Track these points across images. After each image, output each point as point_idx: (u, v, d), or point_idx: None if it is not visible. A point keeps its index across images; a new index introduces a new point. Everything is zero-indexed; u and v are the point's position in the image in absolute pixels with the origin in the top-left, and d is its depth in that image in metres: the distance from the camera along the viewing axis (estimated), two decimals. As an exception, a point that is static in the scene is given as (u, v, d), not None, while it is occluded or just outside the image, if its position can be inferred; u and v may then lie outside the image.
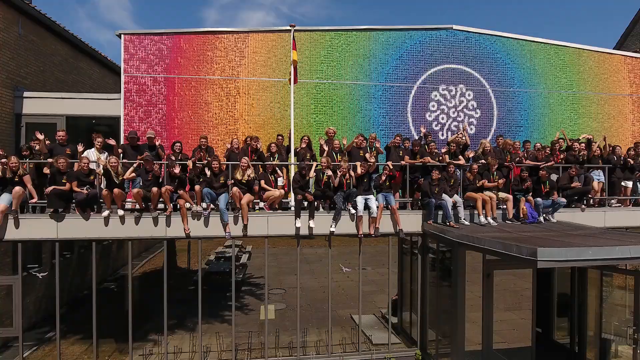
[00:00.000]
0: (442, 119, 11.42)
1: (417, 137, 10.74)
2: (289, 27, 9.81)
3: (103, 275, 15.38)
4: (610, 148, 10.65)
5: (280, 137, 9.57)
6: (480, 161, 9.57)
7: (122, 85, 10.06)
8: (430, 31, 11.34)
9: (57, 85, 11.74)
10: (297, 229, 8.56)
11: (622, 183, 10.44)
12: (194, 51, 10.33)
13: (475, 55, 11.58)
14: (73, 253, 12.49)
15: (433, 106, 11.37)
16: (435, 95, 11.37)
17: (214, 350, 9.62)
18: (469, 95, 11.54)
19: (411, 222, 9.14)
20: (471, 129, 11.56)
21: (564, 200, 9.39)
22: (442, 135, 11.35)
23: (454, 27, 11.43)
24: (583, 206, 9.86)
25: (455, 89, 11.48)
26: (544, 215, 9.49)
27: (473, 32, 11.55)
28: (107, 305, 10.86)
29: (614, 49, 16.75)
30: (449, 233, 7.87)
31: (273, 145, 9.23)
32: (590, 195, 10.07)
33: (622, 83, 12.47)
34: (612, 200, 10.36)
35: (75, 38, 12.19)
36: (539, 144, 10.49)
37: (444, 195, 8.91)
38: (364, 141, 9.33)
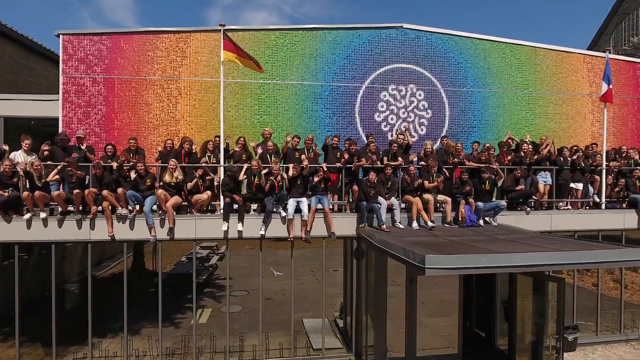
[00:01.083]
0: (392, 119, 11.20)
1: (364, 137, 10.56)
2: (233, 27, 9.70)
3: (66, 276, 15.31)
4: (571, 149, 10.41)
5: (217, 138, 9.42)
6: (421, 162, 9.38)
7: (61, 86, 9.95)
8: (379, 30, 11.13)
9: (6, 86, 11.68)
10: (225, 232, 8.41)
11: (572, 185, 10.18)
12: (134, 51, 10.21)
13: (427, 54, 11.35)
14: (33, 254, 12.40)
15: (382, 106, 11.16)
16: (385, 96, 11.16)
17: (149, 355, 9.50)
18: (419, 95, 11.32)
19: (347, 225, 8.95)
20: (422, 130, 11.34)
21: (504, 203, 9.16)
22: (392, 136, 11.13)
23: (404, 25, 11.21)
24: (528, 209, 9.61)
25: (406, 89, 11.26)
26: (486, 218, 9.28)
27: (424, 31, 11.32)
28: (60, 308, 10.76)
29: (587, 48, 16.45)
30: (372, 237, 7.69)
31: (210, 143, 9.09)
32: (535, 198, 9.82)
33: (581, 82, 12.19)
34: (560, 203, 10.11)
35: (25, 39, 12.11)
36: (488, 144, 10.26)
37: (380, 198, 8.72)
38: (305, 142, 9.17)
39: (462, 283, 7.70)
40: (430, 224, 8.60)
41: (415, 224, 8.69)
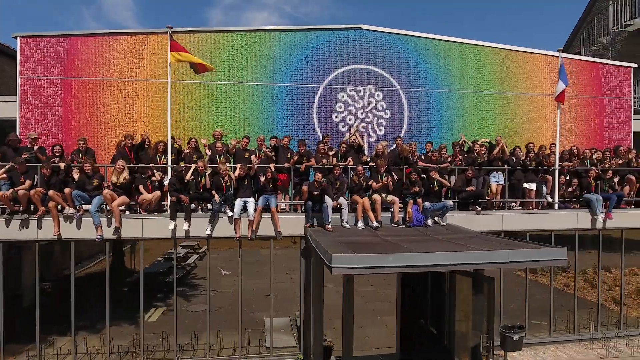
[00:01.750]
0: (350, 120, 11.28)
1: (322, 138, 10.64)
2: (191, 29, 9.81)
3: (43, 276, 15.44)
4: (527, 146, 10.45)
5: (173, 139, 9.53)
6: (370, 163, 9.46)
7: (18, 88, 10.09)
8: (337, 31, 11.21)
9: (-28, 87, 11.83)
10: (172, 231, 8.53)
11: (525, 185, 10.22)
12: (91, 53, 10.33)
13: (385, 55, 11.41)
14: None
15: (340, 107, 11.23)
16: (343, 96, 11.24)
17: (102, 353, 9.61)
18: (378, 95, 11.39)
19: (296, 224, 9.03)
20: (380, 130, 11.41)
21: (451, 203, 9.22)
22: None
23: (363, 26, 11.28)
24: (479, 209, 9.66)
25: (364, 89, 11.33)
26: (435, 218, 9.35)
27: (383, 32, 11.39)
28: (28, 306, 10.85)
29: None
30: (311, 236, 7.77)
31: (161, 144, 9.19)
32: (487, 198, 9.87)
33: (542, 83, 12.21)
34: (513, 203, 10.15)
35: (-7, 41, 12.27)
36: (443, 145, 10.33)
37: (327, 198, 8.81)
38: (261, 142, 9.29)
39: (399, 282, 7.76)
40: (375, 223, 8.69)
41: (360, 224, 8.78)
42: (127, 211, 8.79)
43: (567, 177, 10.45)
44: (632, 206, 10.68)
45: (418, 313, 8.07)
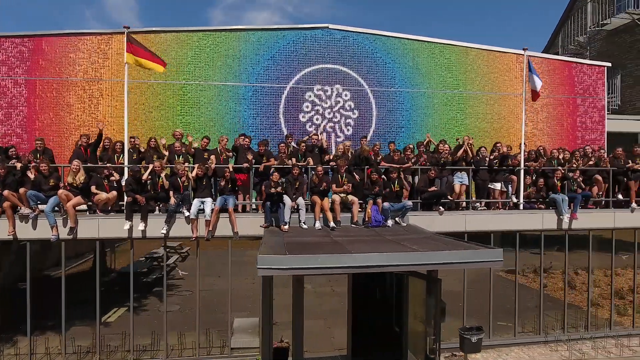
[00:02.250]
0: (317, 119, 11.23)
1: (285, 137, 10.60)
2: (156, 29, 9.80)
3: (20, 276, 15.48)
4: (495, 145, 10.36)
5: (132, 139, 9.52)
6: (331, 163, 9.42)
7: (-18, 88, 10.12)
8: (304, 31, 11.16)
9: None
10: (128, 231, 8.52)
11: (490, 185, 10.14)
12: (55, 53, 10.33)
13: (353, 54, 11.36)
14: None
15: (307, 107, 11.19)
16: (310, 96, 11.20)
17: (62, 354, 9.60)
18: (345, 95, 11.34)
19: (254, 225, 8.99)
20: (348, 130, 11.35)
21: (410, 203, 9.16)
22: (317, 136, 11.14)
23: (330, 26, 11.23)
24: (442, 209, 9.58)
25: (331, 89, 11.28)
26: (396, 219, 9.29)
27: (351, 31, 11.34)
28: None
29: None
30: (263, 237, 7.74)
31: (118, 144, 9.18)
32: (450, 199, 9.79)
33: (514, 82, 12.12)
34: (477, 204, 10.07)
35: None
36: (410, 145, 10.25)
37: (286, 198, 8.77)
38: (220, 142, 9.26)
39: (350, 283, 7.71)
40: (332, 224, 8.64)
41: (317, 224, 8.74)
42: (87, 211, 8.78)
43: (534, 177, 10.35)
44: (597, 207, 10.57)
45: (371, 314, 8.01)
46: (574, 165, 10.41)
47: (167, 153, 9.17)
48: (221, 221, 8.82)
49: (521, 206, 10.11)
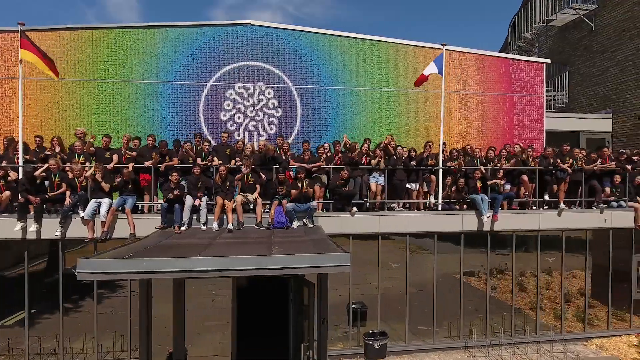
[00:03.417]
0: (239, 118, 10.98)
1: (209, 137, 10.36)
2: (70, 26, 9.58)
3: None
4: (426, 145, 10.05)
5: (37, 139, 9.34)
6: (237, 162, 9.17)
7: None
8: (226, 27, 10.91)
9: None
10: (20, 232, 8.32)
11: (408, 185, 9.83)
12: (-34, 51, 10.17)
13: (277, 51, 11.09)
14: None
15: (228, 105, 10.94)
16: (231, 94, 10.94)
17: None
18: (269, 93, 11.07)
19: (152, 226, 8.73)
20: (272, 129, 11.09)
21: (315, 204, 8.88)
22: (239, 135, 10.91)
23: (252, 22, 10.98)
24: (353, 210, 9.30)
25: (254, 87, 11.02)
26: (304, 220, 9.01)
27: (274, 28, 11.08)
28: None
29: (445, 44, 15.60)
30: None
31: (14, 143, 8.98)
32: (366, 199, 9.51)
33: (447, 79, 11.76)
34: (394, 204, 9.77)
35: None
36: (326, 144, 9.98)
37: (188, 198, 8.56)
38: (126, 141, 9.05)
39: (235, 291, 7.45)
40: (229, 225, 8.41)
41: (215, 225, 8.51)
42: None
43: (457, 177, 10.02)
44: (526, 208, 10.25)
45: (257, 321, 7.74)
46: (498, 165, 10.09)
47: (58, 152, 8.95)
48: (120, 222, 8.61)
49: (440, 207, 9.80)
